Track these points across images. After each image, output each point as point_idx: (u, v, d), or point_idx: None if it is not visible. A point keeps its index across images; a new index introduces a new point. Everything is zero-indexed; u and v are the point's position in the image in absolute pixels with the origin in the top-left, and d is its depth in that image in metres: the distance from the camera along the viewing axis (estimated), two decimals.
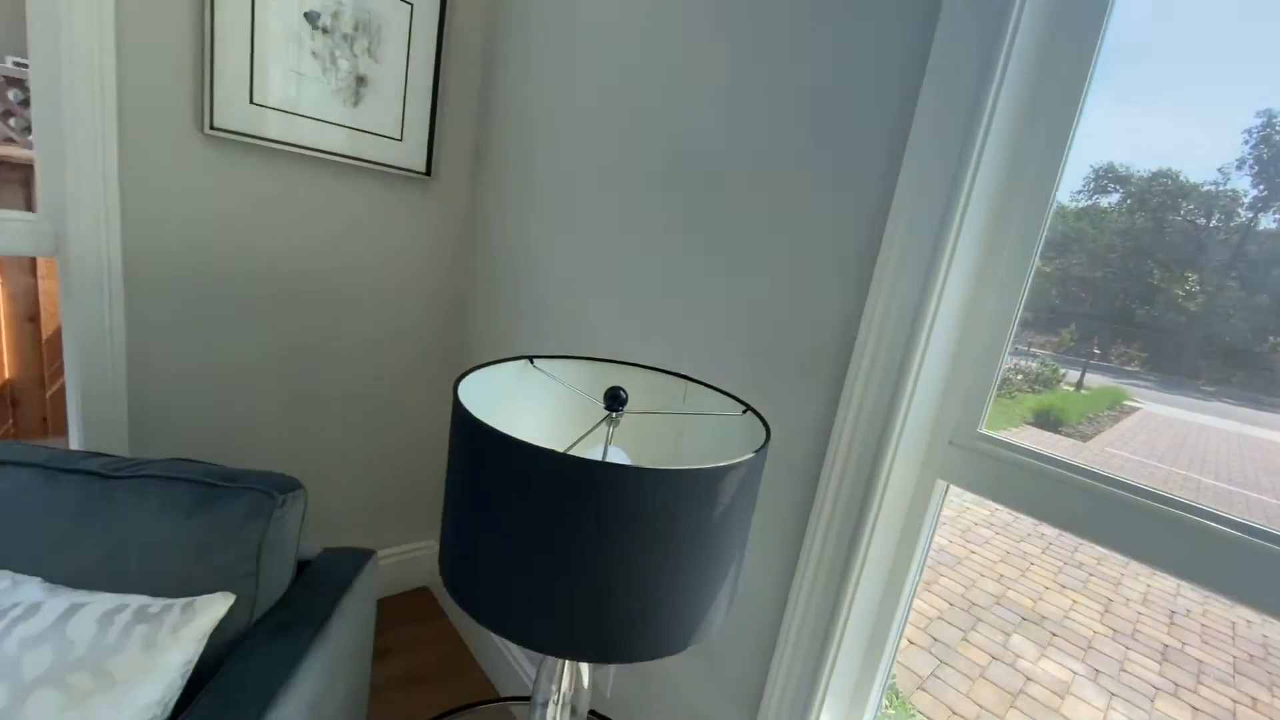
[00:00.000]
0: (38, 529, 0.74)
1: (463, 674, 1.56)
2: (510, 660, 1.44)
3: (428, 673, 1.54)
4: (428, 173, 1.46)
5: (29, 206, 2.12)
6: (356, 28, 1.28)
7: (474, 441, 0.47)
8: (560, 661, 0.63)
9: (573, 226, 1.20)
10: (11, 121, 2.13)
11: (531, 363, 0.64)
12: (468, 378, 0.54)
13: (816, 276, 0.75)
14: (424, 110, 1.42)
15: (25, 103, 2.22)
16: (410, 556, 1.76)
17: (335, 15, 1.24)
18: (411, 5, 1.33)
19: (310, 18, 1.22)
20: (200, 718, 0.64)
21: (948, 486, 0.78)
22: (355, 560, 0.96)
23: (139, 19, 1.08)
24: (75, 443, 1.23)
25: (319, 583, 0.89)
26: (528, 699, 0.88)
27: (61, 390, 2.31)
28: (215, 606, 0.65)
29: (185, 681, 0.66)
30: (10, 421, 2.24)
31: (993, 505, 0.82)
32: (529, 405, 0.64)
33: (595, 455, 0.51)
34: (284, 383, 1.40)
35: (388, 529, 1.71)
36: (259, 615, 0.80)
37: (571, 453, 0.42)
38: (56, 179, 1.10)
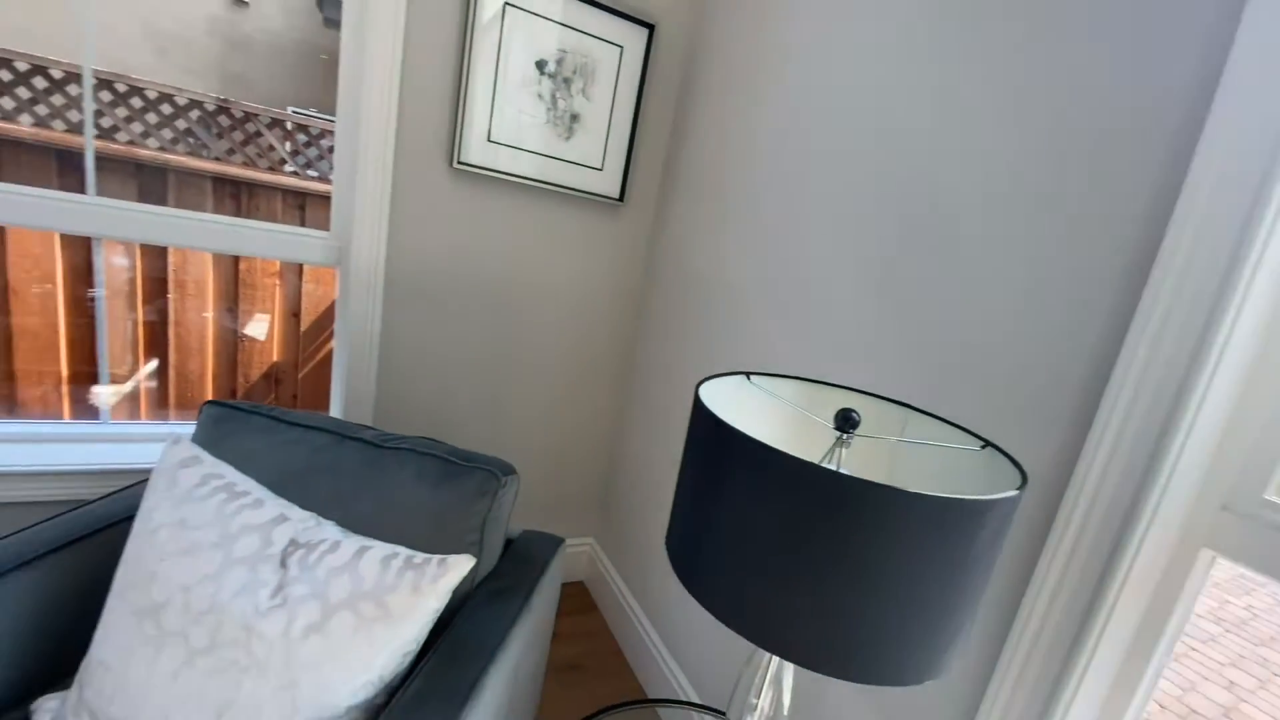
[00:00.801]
0: (331, 481, 0.93)
1: (614, 671, 1.63)
2: (660, 662, 1.48)
3: (580, 663, 1.63)
4: (620, 198, 1.59)
5: (304, 227, 2.66)
6: (575, 71, 1.44)
7: (722, 444, 0.51)
8: (763, 676, 0.64)
9: (765, 249, 1.23)
10: (297, 159, 2.70)
11: (749, 378, 0.67)
12: (701, 386, 0.59)
13: (1056, 311, 0.70)
14: (623, 142, 1.55)
15: (307, 144, 2.84)
16: (571, 551, 1.89)
17: (560, 62, 1.41)
18: (621, 48, 1.47)
19: (539, 65, 1.40)
20: (442, 659, 0.75)
21: (1213, 558, 0.67)
22: (551, 544, 1.06)
23: (414, 83, 1.32)
24: (335, 411, 1.51)
25: (522, 560, 1.00)
26: (683, 702, 0.90)
27: (310, 372, 2.84)
28: (462, 565, 0.76)
29: (431, 626, 0.78)
30: (272, 395, 2.81)
31: (1222, 595, 0.69)
32: (746, 420, 0.67)
33: None
34: (487, 379, 1.60)
35: (553, 523, 1.85)
36: (478, 580, 0.92)
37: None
38: (346, 206, 1.38)
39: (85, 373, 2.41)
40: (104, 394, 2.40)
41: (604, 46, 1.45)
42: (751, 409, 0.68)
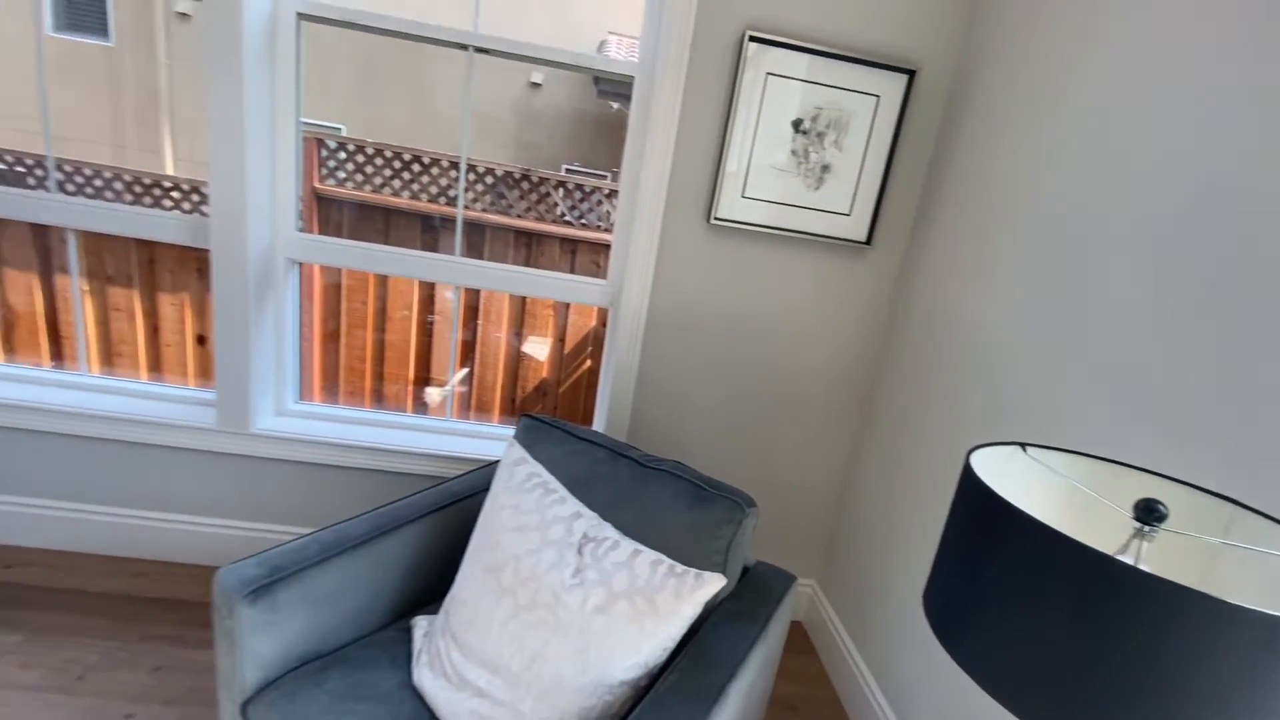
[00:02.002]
0: (607, 489, 1.13)
1: (829, 717, 1.59)
2: (879, 716, 1.40)
3: (796, 704, 1.63)
4: (867, 241, 1.59)
5: (571, 272, 3.17)
6: (829, 125, 1.50)
7: (998, 520, 0.52)
8: None
9: (1040, 293, 1.13)
10: (573, 212, 3.27)
11: (1024, 449, 0.65)
12: (972, 454, 0.60)
13: None
14: (873, 186, 1.55)
15: (581, 199, 3.43)
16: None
17: (815, 118, 1.50)
18: (878, 97, 1.49)
19: (795, 124, 1.50)
20: (694, 661, 0.87)
21: None
22: (784, 579, 1.12)
23: (682, 151, 1.53)
24: (598, 427, 1.79)
25: (759, 588, 1.08)
26: None
27: (568, 388, 3.35)
28: (715, 583, 0.87)
29: (682, 634, 0.90)
30: (539, 405, 3.38)
31: None
32: (1017, 492, 0.65)
33: None
34: (729, 412, 1.73)
35: (777, 559, 1.88)
36: (720, 600, 1.02)
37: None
38: (621, 258, 1.65)
39: (422, 377, 3.22)
40: (433, 394, 3.18)
41: (859, 98, 1.49)
42: (1023, 479, 0.65)
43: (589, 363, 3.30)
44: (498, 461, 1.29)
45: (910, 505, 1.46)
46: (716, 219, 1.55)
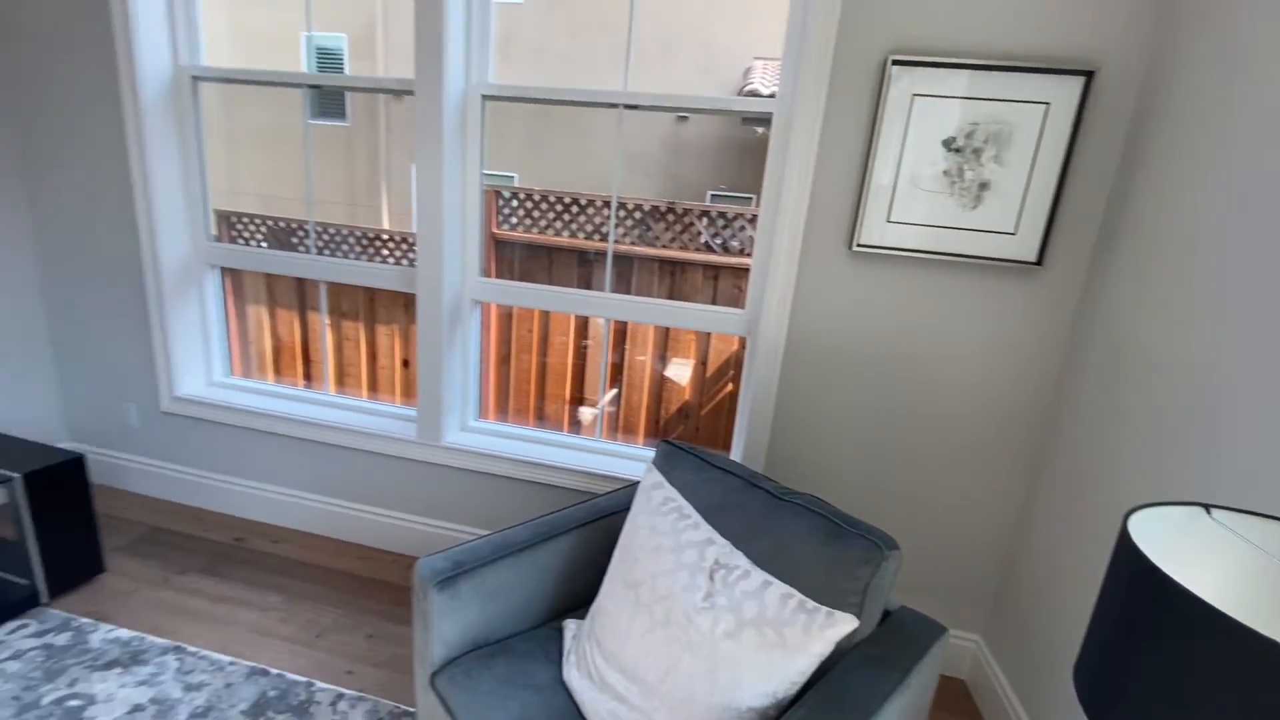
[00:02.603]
0: (740, 519, 1.16)
1: None
2: None
3: None
4: (1038, 262, 1.44)
5: (713, 298, 3.24)
6: (986, 140, 1.40)
7: (1161, 600, 0.48)
8: None
9: (1256, 334, 0.95)
10: (715, 240, 3.35)
11: (1208, 512, 0.57)
12: (1131, 517, 0.55)
13: None
14: (1043, 202, 1.41)
15: (724, 227, 3.53)
16: (953, 644, 1.74)
17: (969, 135, 1.41)
18: (1047, 104, 1.36)
19: (947, 143, 1.42)
20: (823, 701, 0.86)
21: None
22: (932, 629, 1.05)
23: (823, 177, 1.53)
24: (736, 455, 1.82)
25: (901, 636, 1.03)
26: None
27: (709, 411, 3.41)
28: (847, 623, 0.86)
29: (812, 671, 0.90)
30: (682, 427, 3.48)
31: None
32: (1197, 565, 0.57)
33: None
34: (874, 447, 1.66)
35: (933, 607, 1.74)
36: (855, 643, 1.00)
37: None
38: (759, 285, 1.69)
39: (576, 397, 3.50)
40: (586, 413, 3.44)
41: (1023, 109, 1.37)
42: (1205, 547, 0.57)
43: (731, 386, 3.33)
44: (639, 482, 1.39)
45: (1094, 562, 1.27)
46: (860, 245, 1.52)
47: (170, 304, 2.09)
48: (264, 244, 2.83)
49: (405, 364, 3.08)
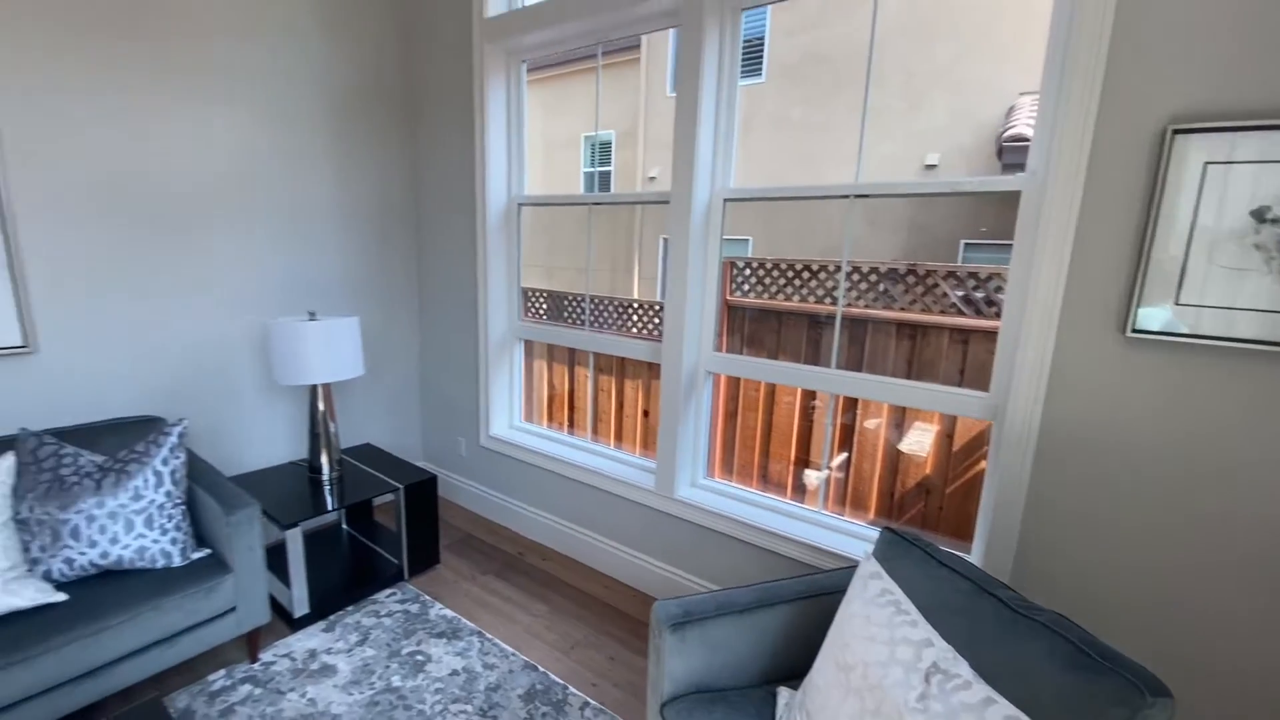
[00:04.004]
0: (965, 625, 1.12)
1: None
2: None
3: None
4: None
5: (962, 365, 2.98)
6: None
7: None
8: None
9: None
10: (964, 300, 3.12)
11: None
12: None
13: None
14: None
15: (975, 287, 3.28)
16: None
17: None
18: None
19: (1258, 214, 1.20)
20: None
21: None
22: None
23: (1084, 254, 1.40)
24: (976, 553, 1.68)
25: None
26: None
27: (955, 490, 3.09)
28: None
29: None
30: (921, 504, 3.21)
31: None
32: None
33: None
34: (1158, 567, 1.39)
35: None
36: None
37: None
38: (1006, 368, 1.58)
39: (802, 458, 3.51)
40: (811, 477, 3.43)
41: None
42: None
43: (984, 464, 2.98)
44: (858, 565, 1.41)
45: None
46: (1137, 331, 1.34)
47: (492, 366, 2.81)
48: (545, 308, 3.55)
49: (645, 414, 3.50)
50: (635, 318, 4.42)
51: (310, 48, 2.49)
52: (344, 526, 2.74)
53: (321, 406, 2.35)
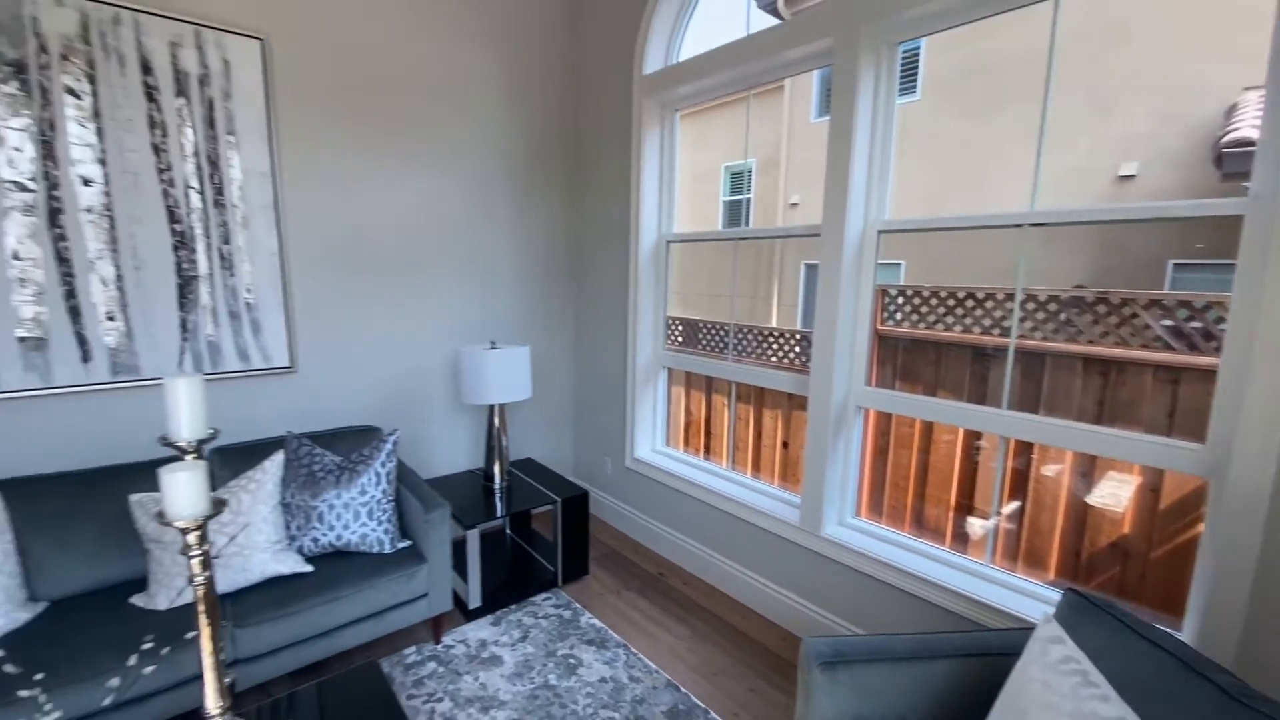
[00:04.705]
0: (1171, 710, 0.99)
1: None
2: None
3: None
4: None
5: (1170, 410, 2.56)
6: None
7: None
8: None
9: None
10: (1174, 333, 2.67)
11: None
12: None
13: None
14: None
15: (1188, 318, 2.77)
16: None
17: None
18: None
19: None
20: None
21: None
22: None
23: None
24: (1188, 630, 1.45)
25: None
26: None
27: (1163, 556, 2.63)
28: None
29: None
30: (1118, 568, 2.77)
31: None
32: None
33: None
34: None
35: None
36: None
37: None
38: (1228, 416, 1.37)
39: (963, 504, 3.21)
40: (974, 525, 3.12)
41: None
42: None
43: (1202, 528, 2.51)
44: (1034, 628, 1.29)
45: None
46: None
47: (638, 392, 2.99)
48: (680, 335, 3.67)
49: (785, 446, 3.45)
50: (774, 347, 4.39)
51: (499, 119, 2.91)
52: (508, 532, 3.06)
53: (496, 424, 2.68)
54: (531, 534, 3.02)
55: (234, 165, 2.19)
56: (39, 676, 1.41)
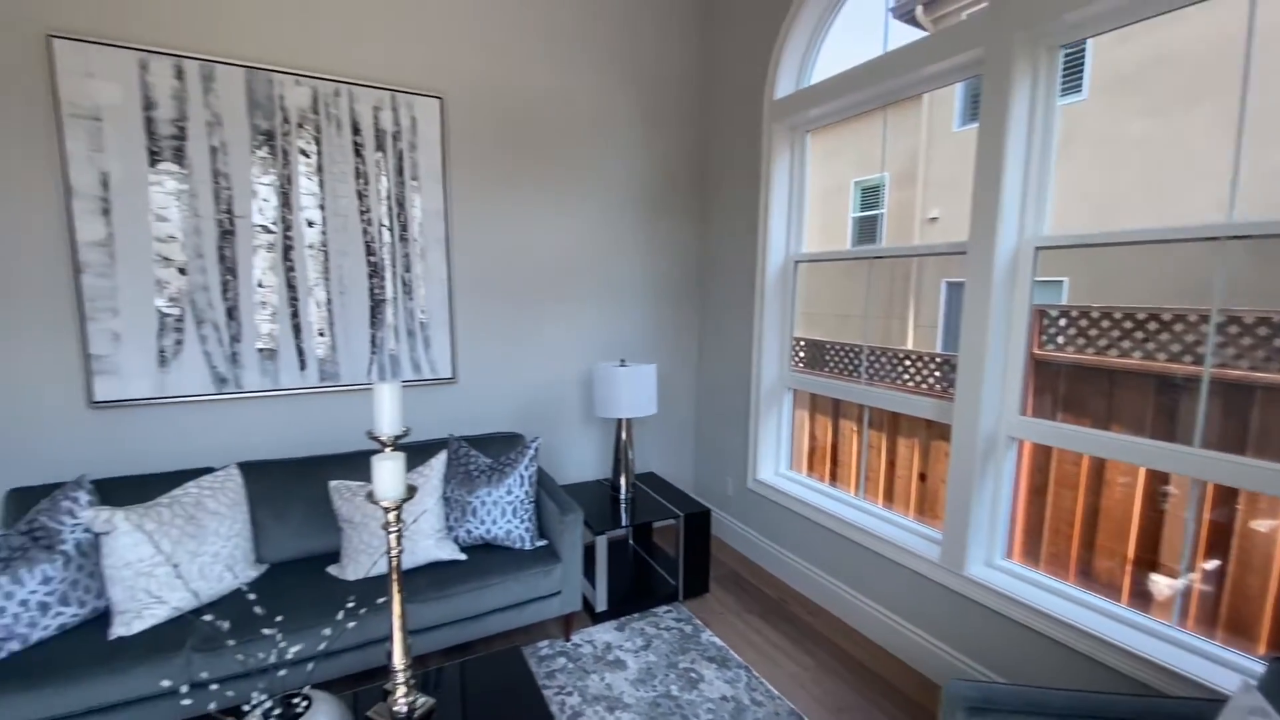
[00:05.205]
0: None
1: None
2: None
3: None
4: None
5: None
6: None
7: None
8: None
9: None
10: None
11: None
12: None
13: None
14: None
15: None
16: None
17: None
18: None
19: None
20: None
21: None
22: None
23: None
24: None
25: None
26: None
27: None
28: None
29: None
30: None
31: None
32: None
33: None
34: None
35: None
36: None
37: None
38: None
39: (1144, 559, 2.78)
40: (1159, 584, 2.68)
41: None
42: None
43: None
44: (1227, 699, 1.11)
45: None
46: None
47: (761, 413, 2.99)
48: (803, 356, 3.58)
49: (922, 478, 3.22)
50: (910, 370, 4.13)
51: (633, 149, 3.11)
52: (630, 542, 3.18)
53: (624, 437, 2.82)
54: (652, 546, 3.11)
55: (415, 205, 2.58)
56: (278, 619, 1.75)
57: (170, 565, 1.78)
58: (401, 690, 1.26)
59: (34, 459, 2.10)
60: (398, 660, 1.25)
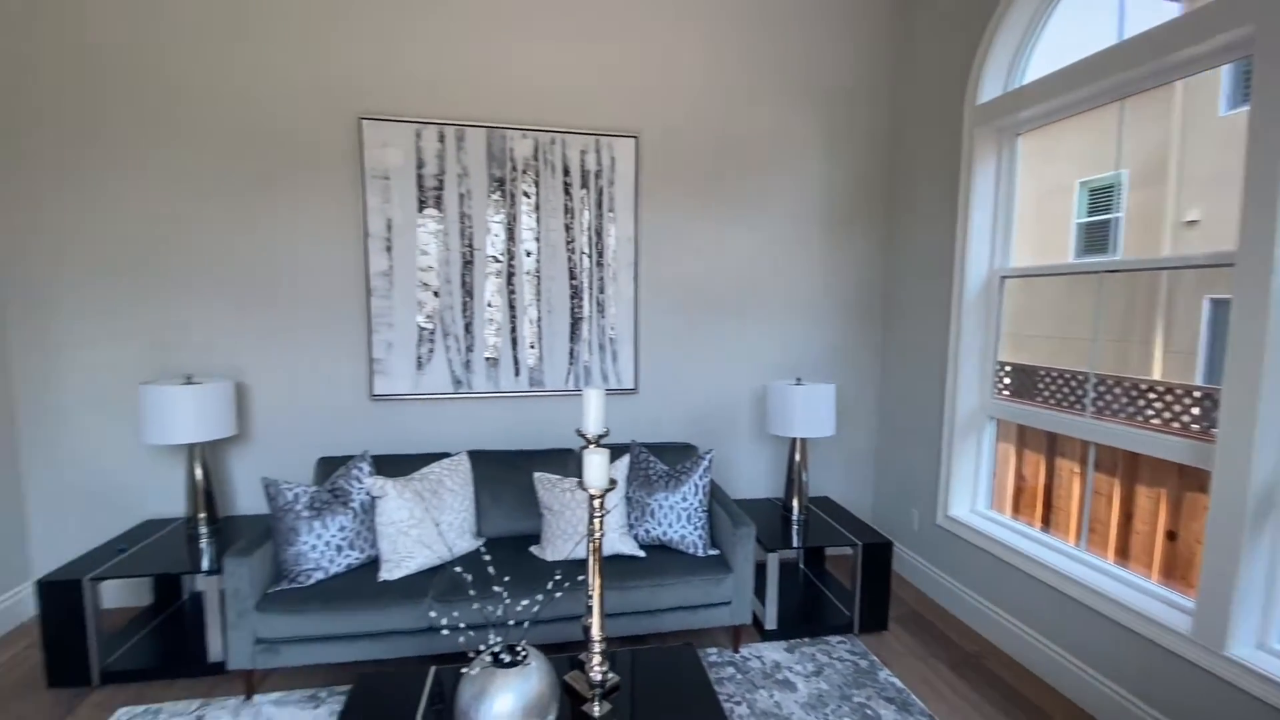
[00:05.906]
0: None
1: None
2: None
3: None
4: None
5: None
6: None
7: None
8: None
9: None
10: None
11: None
12: None
13: None
14: None
15: None
16: None
17: None
18: None
19: None
20: None
21: None
22: None
23: None
24: None
25: None
26: None
27: None
28: None
29: None
30: None
31: None
32: None
33: None
34: None
35: None
36: None
37: None
38: None
39: None
40: None
41: None
42: None
43: None
44: None
45: None
46: None
47: (957, 443, 2.74)
48: (1008, 383, 3.17)
49: (1170, 536, 2.65)
50: (1156, 405, 3.43)
51: (813, 169, 3.11)
52: (801, 565, 3.12)
53: (798, 457, 2.80)
54: (824, 573, 3.01)
55: (610, 234, 2.89)
56: (506, 579, 2.09)
57: (432, 524, 2.23)
58: (597, 659, 1.44)
59: (335, 436, 2.77)
60: (596, 631, 1.44)
